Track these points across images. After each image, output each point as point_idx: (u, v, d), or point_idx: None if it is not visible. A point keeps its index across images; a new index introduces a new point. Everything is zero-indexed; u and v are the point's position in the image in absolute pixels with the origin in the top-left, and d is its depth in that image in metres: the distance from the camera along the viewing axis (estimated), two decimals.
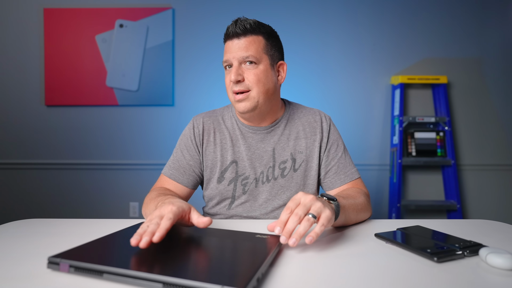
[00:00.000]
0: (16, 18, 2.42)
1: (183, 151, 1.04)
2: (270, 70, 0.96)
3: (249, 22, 0.93)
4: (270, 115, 1.01)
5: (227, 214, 1.03)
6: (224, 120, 1.05)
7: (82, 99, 2.42)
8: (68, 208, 2.47)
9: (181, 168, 1.03)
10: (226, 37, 0.96)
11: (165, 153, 2.41)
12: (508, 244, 0.69)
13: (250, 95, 0.94)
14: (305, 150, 1.02)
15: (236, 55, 0.93)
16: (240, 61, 0.93)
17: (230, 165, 1.01)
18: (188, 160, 1.03)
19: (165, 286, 0.45)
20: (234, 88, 0.93)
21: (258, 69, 0.93)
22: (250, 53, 0.92)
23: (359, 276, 0.53)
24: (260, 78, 0.93)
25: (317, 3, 2.46)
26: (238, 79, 0.92)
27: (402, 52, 2.49)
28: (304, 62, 2.46)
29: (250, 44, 0.93)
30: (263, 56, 0.94)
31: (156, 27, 2.42)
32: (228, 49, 0.95)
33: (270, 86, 0.96)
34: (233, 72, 0.92)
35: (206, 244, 0.64)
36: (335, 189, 1.02)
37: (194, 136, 1.03)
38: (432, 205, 2.39)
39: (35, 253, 0.61)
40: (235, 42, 0.93)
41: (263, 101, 0.95)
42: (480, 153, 2.53)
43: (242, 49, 0.92)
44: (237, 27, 0.93)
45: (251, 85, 0.93)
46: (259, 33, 0.94)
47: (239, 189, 1.01)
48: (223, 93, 2.42)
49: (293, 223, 0.62)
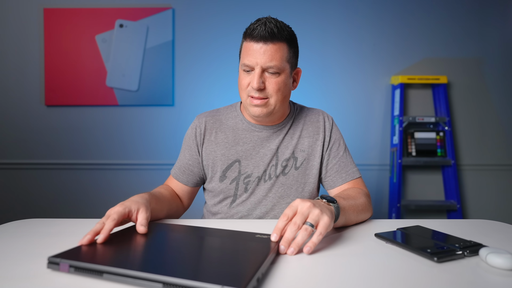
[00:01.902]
0: (16, 18, 2.42)
1: (185, 151, 1.07)
2: (289, 79, 0.97)
3: (276, 25, 0.89)
4: (278, 116, 1.03)
5: (228, 213, 1.03)
6: (228, 119, 1.06)
7: (82, 99, 2.42)
8: (68, 208, 2.46)
9: (182, 168, 1.07)
10: (250, 37, 0.91)
11: (165, 153, 2.41)
12: (508, 244, 0.69)
13: (269, 102, 0.94)
14: (307, 148, 1.03)
15: (260, 61, 0.90)
16: (263, 69, 0.91)
17: (232, 164, 1.02)
18: (187, 160, 1.06)
19: (165, 286, 0.45)
20: (253, 94, 0.92)
21: (280, 79, 0.93)
22: (275, 63, 0.90)
23: (359, 276, 0.53)
24: (280, 87, 0.93)
25: (317, 3, 2.46)
26: (261, 87, 0.91)
27: (402, 52, 2.49)
28: (304, 62, 2.44)
29: (275, 52, 0.90)
30: (285, 66, 0.93)
31: (156, 27, 2.42)
32: (251, 52, 0.91)
33: (286, 94, 0.97)
34: (255, 79, 0.90)
35: (206, 244, 0.64)
36: (336, 187, 1.03)
37: (195, 136, 1.05)
38: (432, 205, 2.39)
39: (35, 253, 0.61)
40: (261, 46, 0.89)
41: (279, 107, 0.96)
42: (480, 153, 2.53)
43: (267, 57, 0.89)
44: (266, 30, 0.88)
45: (271, 94, 0.93)
46: (284, 39, 0.91)
47: (241, 188, 1.02)
48: (223, 93, 2.42)
49: (291, 232, 0.63)
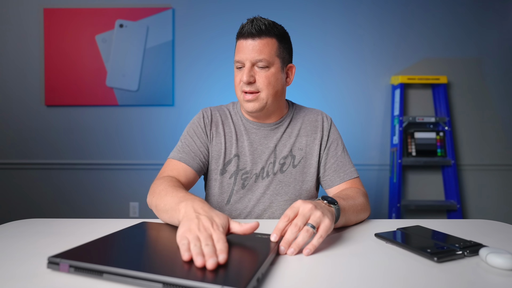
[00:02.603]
0: (16, 18, 2.42)
1: (193, 137, 1.02)
2: (280, 73, 0.98)
3: (264, 23, 0.93)
4: (276, 114, 1.04)
5: (226, 211, 1.03)
6: (231, 115, 1.07)
7: (82, 99, 2.42)
8: (68, 208, 2.47)
9: (192, 152, 1.00)
10: (240, 36, 0.95)
11: (165, 153, 2.41)
12: (508, 244, 0.69)
13: (260, 96, 0.96)
14: (305, 147, 1.04)
15: (249, 56, 0.93)
16: (252, 63, 0.94)
17: (233, 158, 1.02)
18: (198, 146, 1.01)
19: (165, 286, 0.45)
20: (245, 88, 0.95)
21: (270, 72, 0.95)
22: (263, 56, 0.93)
23: (359, 276, 0.53)
24: (270, 81, 0.95)
25: (317, 3, 2.46)
26: (250, 81, 0.94)
27: (402, 52, 2.49)
28: (304, 62, 2.45)
29: (264, 46, 0.93)
30: (275, 59, 0.96)
31: (156, 27, 2.42)
32: (241, 49, 0.95)
33: (278, 88, 0.98)
34: (245, 73, 0.93)
35: None
36: (334, 187, 1.03)
37: (204, 124, 1.04)
38: (432, 205, 2.39)
39: (35, 253, 0.61)
40: (249, 42, 0.93)
41: (271, 102, 0.98)
42: (480, 153, 2.53)
43: (255, 51, 0.93)
44: (253, 27, 0.92)
45: (261, 87, 0.95)
46: (273, 35, 0.95)
47: (239, 183, 1.02)
48: (223, 93, 2.42)
49: (292, 234, 0.62)
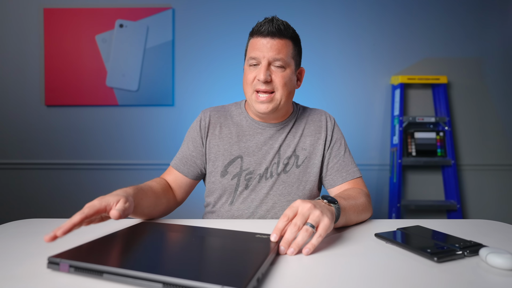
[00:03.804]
0: (16, 18, 2.42)
1: (188, 143, 1.07)
2: (293, 75, 0.99)
3: (283, 23, 0.94)
4: (282, 114, 1.04)
5: (229, 212, 1.03)
6: (232, 116, 1.07)
7: (82, 99, 2.42)
8: (68, 208, 2.45)
9: (184, 159, 1.05)
10: (258, 33, 0.95)
11: (165, 153, 2.41)
12: (508, 244, 0.69)
13: (275, 97, 0.96)
14: (308, 147, 1.05)
15: (267, 54, 0.93)
16: (269, 61, 0.93)
17: (235, 160, 1.02)
18: (191, 151, 1.05)
19: (165, 286, 0.45)
20: (260, 87, 0.94)
21: (285, 73, 0.95)
22: (282, 56, 0.93)
23: (359, 276, 0.53)
24: (286, 81, 0.95)
25: (317, 3, 2.46)
26: (267, 80, 0.93)
27: (402, 52, 2.49)
28: (304, 62, 2.44)
29: (282, 47, 0.94)
30: (291, 61, 0.97)
31: (156, 27, 2.42)
32: (258, 47, 0.94)
33: (291, 90, 0.99)
34: (262, 71, 0.92)
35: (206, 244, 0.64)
36: (336, 186, 1.03)
37: (200, 128, 1.06)
38: (432, 205, 2.39)
39: (35, 253, 0.61)
40: (268, 41, 0.93)
41: (284, 103, 0.98)
42: (480, 153, 2.53)
43: (274, 50, 0.93)
44: (274, 26, 0.92)
45: (277, 87, 0.95)
46: (289, 37, 0.96)
47: (242, 184, 1.02)
48: (223, 93, 2.42)
49: (291, 233, 0.63)
